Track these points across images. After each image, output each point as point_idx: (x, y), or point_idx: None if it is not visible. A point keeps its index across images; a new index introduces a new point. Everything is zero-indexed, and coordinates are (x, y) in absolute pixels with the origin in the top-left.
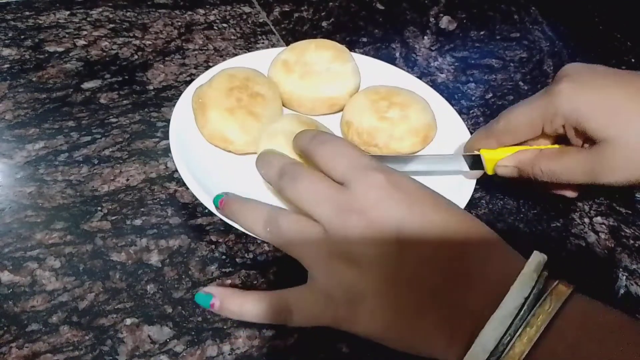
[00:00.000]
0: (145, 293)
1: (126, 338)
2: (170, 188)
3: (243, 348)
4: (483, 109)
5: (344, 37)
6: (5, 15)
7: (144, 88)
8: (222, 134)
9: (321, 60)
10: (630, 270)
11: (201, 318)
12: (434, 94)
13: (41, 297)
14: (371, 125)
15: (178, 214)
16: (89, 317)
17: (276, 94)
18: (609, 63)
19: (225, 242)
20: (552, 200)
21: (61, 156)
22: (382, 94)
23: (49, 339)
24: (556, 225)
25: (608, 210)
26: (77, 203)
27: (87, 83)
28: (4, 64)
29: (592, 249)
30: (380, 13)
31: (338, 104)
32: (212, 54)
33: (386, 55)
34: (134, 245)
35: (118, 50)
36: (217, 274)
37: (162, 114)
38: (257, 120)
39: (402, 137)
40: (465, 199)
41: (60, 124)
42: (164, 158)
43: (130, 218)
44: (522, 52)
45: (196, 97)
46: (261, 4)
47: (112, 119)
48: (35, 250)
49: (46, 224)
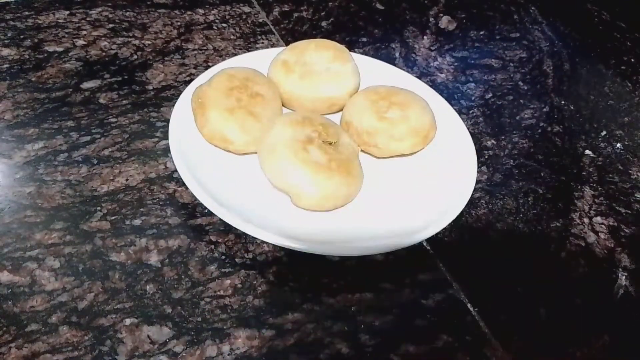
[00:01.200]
0: (144, 293)
1: (125, 338)
2: (169, 188)
3: (243, 348)
4: (483, 109)
5: (344, 37)
6: (5, 15)
7: (144, 88)
8: (222, 134)
9: (321, 60)
10: (629, 270)
11: (201, 318)
12: (434, 94)
13: (40, 297)
14: (371, 125)
15: (177, 214)
16: (88, 317)
17: (276, 94)
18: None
19: (225, 242)
20: (552, 200)
21: (60, 156)
22: (382, 94)
23: (48, 339)
24: (556, 225)
25: (608, 210)
26: (76, 203)
27: (87, 83)
28: (3, 63)
29: (592, 249)
30: (380, 13)
31: (338, 104)
32: (211, 54)
33: (386, 55)
34: (133, 245)
35: (117, 50)
36: (217, 274)
37: (161, 114)
38: (257, 120)
39: (402, 137)
40: (465, 199)
41: (60, 124)
42: (164, 158)
43: (129, 218)
44: (522, 52)
45: (196, 97)
46: (261, 4)
47: (112, 119)
48: (35, 251)
49: (45, 224)
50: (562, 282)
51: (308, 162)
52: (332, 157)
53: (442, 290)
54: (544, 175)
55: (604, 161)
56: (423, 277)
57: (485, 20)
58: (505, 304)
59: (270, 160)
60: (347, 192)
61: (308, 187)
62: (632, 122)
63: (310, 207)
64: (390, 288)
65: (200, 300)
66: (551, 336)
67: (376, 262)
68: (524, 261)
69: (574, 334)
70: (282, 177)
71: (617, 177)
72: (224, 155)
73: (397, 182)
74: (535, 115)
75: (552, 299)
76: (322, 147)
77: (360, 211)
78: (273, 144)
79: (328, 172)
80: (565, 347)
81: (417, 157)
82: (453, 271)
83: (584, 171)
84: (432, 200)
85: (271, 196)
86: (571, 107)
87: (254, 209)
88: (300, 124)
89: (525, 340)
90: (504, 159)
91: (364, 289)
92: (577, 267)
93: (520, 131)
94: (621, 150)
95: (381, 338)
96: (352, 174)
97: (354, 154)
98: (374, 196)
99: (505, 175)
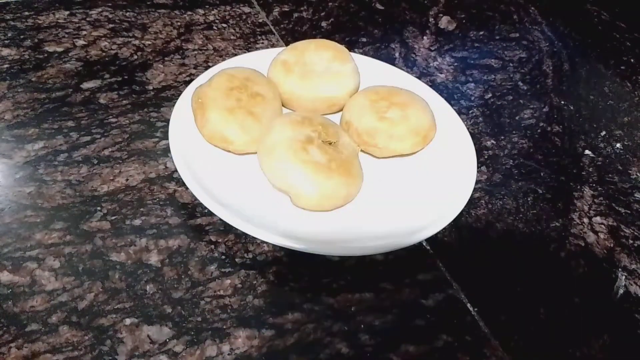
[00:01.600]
0: (144, 293)
1: (125, 338)
2: (169, 188)
3: (242, 348)
4: (482, 109)
5: (344, 37)
6: (5, 15)
7: (144, 88)
8: (222, 134)
9: (321, 60)
10: (629, 270)
11: (200, 318)
12: (434, 94)
13: (40, 297)
14: (371, 125)
15: (177, 214)
16: (88, 317)
17: (276, 94)
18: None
19: (225, 242)
20: (552, 200)
21: (61, 156)
22: (382, 94)
23: (48, 339)
24: (555, 225)
25: (607, 210)
26: (76, 203)
27: (87, 83)
28: (4, 64)
29: (592, 249)
30: (379, 13)
31: (338, 104)
32: (211, 54)
33: (385, 55)
34: (133, 245)
35: (117, 50)
36: (217, 274)
37: (161, 114)
38: (257, 120)
39: (402, 137)
40: (465, 199)
41: (60, 124)
42: (164, 158)
43: (129, 218)
44: (522, 52)
45: (196, 97)
46: (261, 4)
47: (112, 119)
48: (35, 251)
49: (46, 224)
50: (562, 282)
51: (308, 162)
52: (331, 157)
53: (441, 290)
54: (544, 175)
55: (603, 161)
56: (423, 277)
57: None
58: (505, 304)
59: (270, 160)
60: (347, 192)
61: (308, 187)
62: (632, 122)
63: (310, 207)
64: (390, 288)
65: (200, 300)
66: (551, 336)
67: (376, 262)
68: (523, 261)
69: (574, 334)
70: (281, 177)
71: (617, 177)
72: (224, 155)
73: (397, 182)
74: (534, 115)
75: (552, 299)
76: (322, 147)
77: (360, 211)
78: (273, 144)
79: (328, 172)
80: (565, 347)
81: (416, 157)
82: (453, 271)
83: (583, 171)
84: (432, 200)
85: (271, 196)
86: (571, 107)
87: (254, 209)
88: (300, 124)
89: (525, 340)
90: (504, 159)
91: (364, 289)
92: (576, 267)
93: (519, 131)
94: (621, 150)
95: (381, 338)
96: (352, 174)
97: (353, 154)
98: (373, 196)
99: (505, 176)
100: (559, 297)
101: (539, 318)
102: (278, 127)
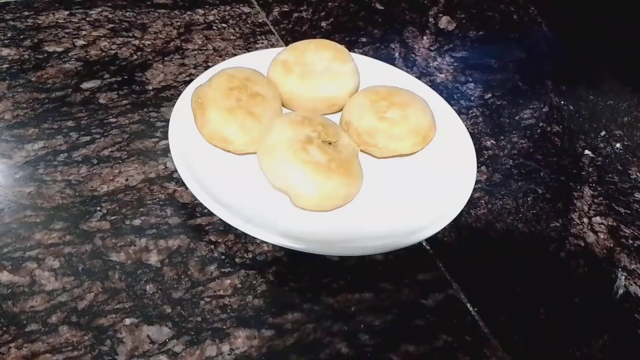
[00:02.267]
0: (144, 293)
1: (125, 338)
2: (169, 188)
3: (242, 348)
4: (482, 109)
5: (344, 37)
6: (5, 15)
7: (143, 88)
8: (222, 134)
9: (321, 60)
10: (629, 270)
11: (200, 318)
12: (433, 94)
13: (40, 297)
14: (371, 125)
15: (177, 214)
16: (88, 317)
17: (276, 94)
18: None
19: (225, 242)
20: (552, 200)
21: (60, 156)
22: (382, 94)
23: (48, 339)
24: (555, 225)
25: (607, 210)
26: (76, 203)
27: (87, 83)
28: (3, 64)
29: (591, 249)
30: (379, 13)
31: (337, 104)
32: (211, 54)
33: (385, 55)
34: (133, 245)
35: (117, 50)
36: (217, 274)
37: (161, 114)
38: (257, 120)
39: (402, 137)
40: (465, 198)
41: (60, 124)
42: (163, 158)
43: (129, 218)
44: (522, 52)
45: (195, 97)
46: (260, 4)
47: (112, 119)
48: (35, 251)
49: (45, 224)
50: (562, 282)
51: (307, 162)
52: (331, 157)
53: (441, 290)
54: (544, 175)
55: (603, 161)
56: (423, 277)
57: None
58: (505, 304)
59: (269, 160)
60: (347, 192)
61: (307, 187)
62: (632, 122)
63: (309, 207)
64: (390, 288)
65: (200, 300)
66: (551, 336)
67: (376, 262)
68: (523, 261)
69: (574, 334)
70: (281, 177)
71: (617, 177)
72: (224, 155)
73: (397, 182)
74: (534, 115)
75: (552, 299)
76: (322, 147)
77: (360, 211)
78: (272, 144)
79: (327, 172)
80: (565, 347)
81: (416, 157)
82: (453, 271)
83: (583, 171)
84: (431, 200)
85: (271, 196)
86: (570, 107)
87: (254, 209)
88: (300, 124)
89: (525, 340)
90: (504, 159)
91: (364, 289)
92: (576, 267)
93: (519, 131)
94: (620, 150)
95: (381, 338)
96: (352, 174)
97: (353, 154)
98: (373, 196)
99: (505, 175)
100: (559, 297)
101: (539, 318)
102: (278, 127)
